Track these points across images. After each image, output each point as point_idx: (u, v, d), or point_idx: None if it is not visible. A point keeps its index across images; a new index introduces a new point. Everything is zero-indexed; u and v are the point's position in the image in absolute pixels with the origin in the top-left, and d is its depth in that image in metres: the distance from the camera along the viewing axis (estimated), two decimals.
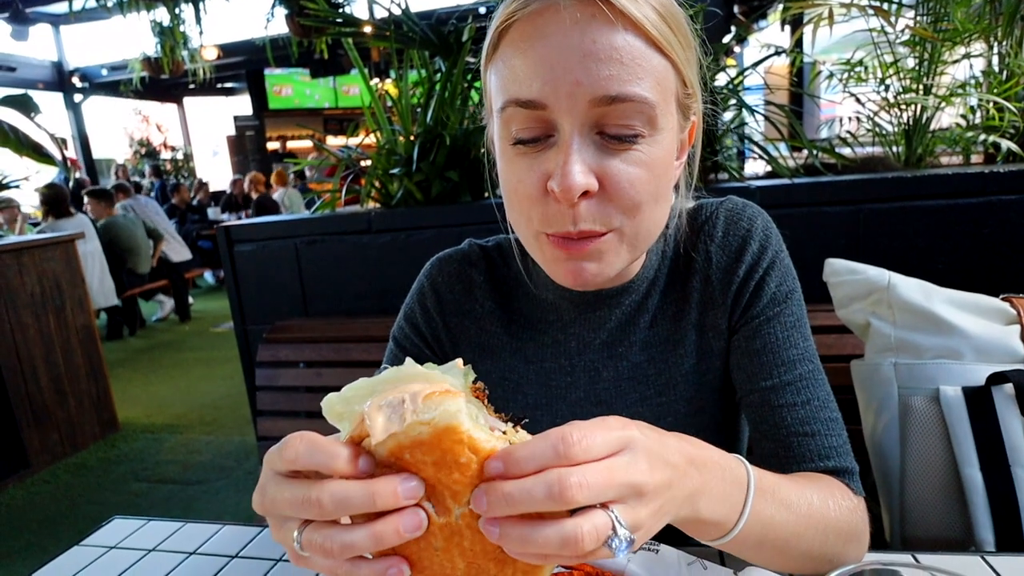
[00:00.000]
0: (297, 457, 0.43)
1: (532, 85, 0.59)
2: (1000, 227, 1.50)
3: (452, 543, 0.42)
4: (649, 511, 0.45)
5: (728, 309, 0.80)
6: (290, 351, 1.73)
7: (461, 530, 0.42)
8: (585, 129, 0.60)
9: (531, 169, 0.63)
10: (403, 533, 0.40)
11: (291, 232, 2.00)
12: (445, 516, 0.41)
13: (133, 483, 3.38)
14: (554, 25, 0.58)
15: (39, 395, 3.61)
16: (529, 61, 0.60)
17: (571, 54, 0.58)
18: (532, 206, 0.64)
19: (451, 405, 0.39)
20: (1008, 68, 2.00)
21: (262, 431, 1.71)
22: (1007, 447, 0.96)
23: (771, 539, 0.60)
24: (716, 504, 0.53)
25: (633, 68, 0.58)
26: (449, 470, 0.40)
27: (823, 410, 0.74)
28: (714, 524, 0.54)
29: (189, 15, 6.51)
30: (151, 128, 13.39)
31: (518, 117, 0.62)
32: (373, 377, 0.43)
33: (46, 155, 3.72)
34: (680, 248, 0.82)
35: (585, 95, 0.58)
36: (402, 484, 0.40)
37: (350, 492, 0.40)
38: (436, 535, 0.42)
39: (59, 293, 3.79)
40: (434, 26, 2.18)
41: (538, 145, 0.62)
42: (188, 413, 4.37)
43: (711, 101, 0.77)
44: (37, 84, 11.50)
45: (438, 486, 0.41)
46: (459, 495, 0.41)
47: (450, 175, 1.92)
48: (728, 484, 0.55)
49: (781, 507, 0.60)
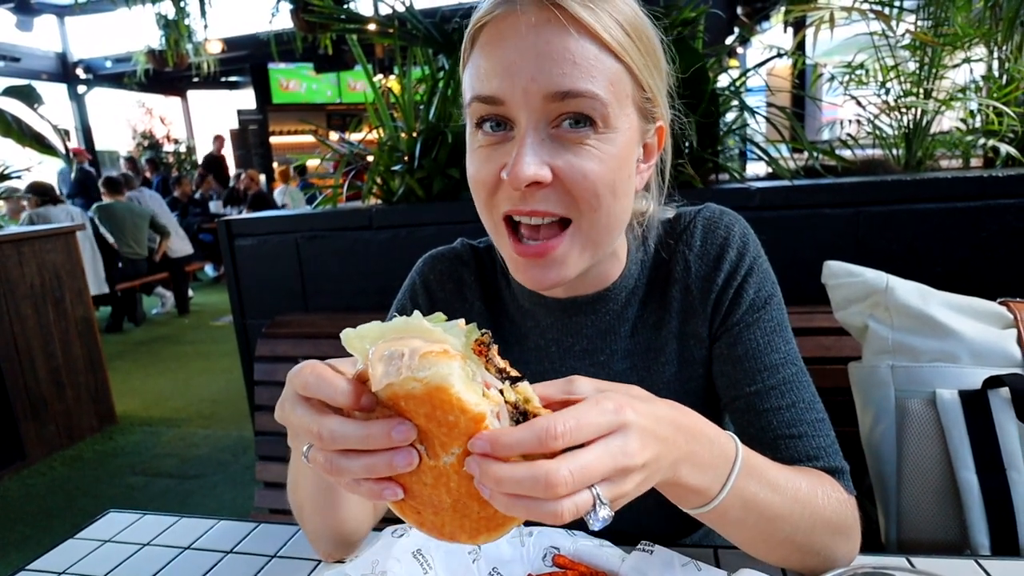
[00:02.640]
0: (306, 385, 0.48)
1: (492, 82, 0.65)
2: (998, 231, 1.50)
3: (440, 482, 0.46)
4: (633, 484, 0.48)
5: (708, 317, 0.81)
6: (289, 346, 1.73)
7: (448, 473, 0.46)
8: (540, 124, 0.64)
9: (489, 159, 0.67)
10: (395, 467, 0.45)
11: (292, 227, 2.00)
12: (435, 460, 0.46)
13: (130, 476, 3.39)
14: (513, 29, 0.64)
15: (37, 387, 3.62)
16: (491, 62, 0.65)
17: (527, 54, 0.63)
18: (489, 194, 0.69)
19: (443, 367, 0.42)
20: (1008, 73, 2.00)
21: (260, 426, 1.71)
22: (1003, 451, 0.97)
23: (754, 516, 0.61)
24: (699, 472, 0.56)
25: (585, 68, 0.63)
26: (439, 423, 0.43)
27: (809, 412, 0.75)
28: (695, 491, 0.57)
29: (194, 8, 6.51)
30: (154, 121, 13.37)
31: (481, 111, 0.67)
32: (383, 324, 0.47)
33: (48, 146, 3.71)
34: (659, 257, 0.84)
35: (539, 91, 0.62)
36: (395, 428, 0.44)
37: (347, 431, 0.45)
38: (426, 473, 0.46)
39: (59, 284, 3.79)
40: (438, 23, 2.18)
41: (497, 136, 0.67)
42: (186, 407, 4.37)
43: (680, 110, 0.80)
44: (41, 75, 11.48)
45: (429, 433, 0.45)
46: (447, 445, 0.44)
47: (452, 172, 1.92)
48: (714, 456, 0.57)
49: (767, 486, 0.62)
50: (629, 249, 0.83)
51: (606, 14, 0.64)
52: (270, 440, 1.71)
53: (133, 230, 6.50)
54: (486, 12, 0.67)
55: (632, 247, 0.83)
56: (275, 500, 1.68)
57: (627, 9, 0.67)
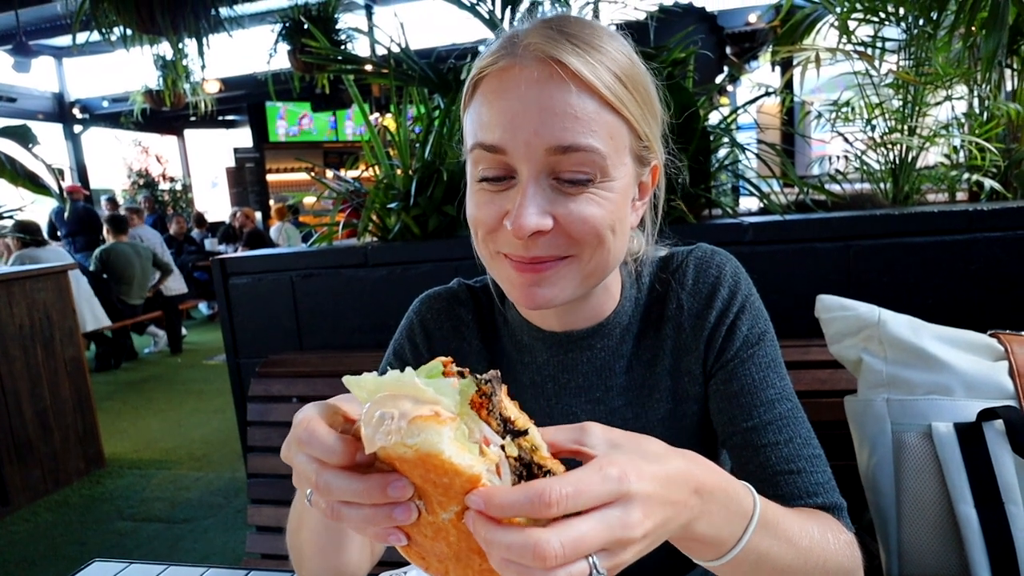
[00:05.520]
0: (299, 441, 0.49)
1: (495, 132, 0.67)
2: (986, 263, 1.52)
3: (440, 536, 0.46)
4: (632, 554, 0.46)
5: (702, 354, 0.82)
6: (283, 385, 1.71)
7: (448, 528, 0.45)
8: (542, 176, 0.66)
9: (491, 203, 0.69)
10: (395, 521, 0.45)
11: (287, 265, 2.00)
12: (433, 516, 0.45)
13: (117, 522, 3.30)
14: (515, 82, 0.66)
15: (23, 429, 3.55)
16: (494, 111, 0.67)
17: (530, 108, 0.65)
18: (488, 233, 0.71)
19: (432, 434, 0.41)
20: (988, 110, 2.06)
21: (253, 468, 1.68)
22: (1000, 484, 0.96)
23: (767, 569, 0.60)
24: (713, 529, 0.54)
25: (586, 122, 0.65)
26: (434, 484, 0.43)
27: (806, 447, 0.75)
28: (708, 546, 0.55)
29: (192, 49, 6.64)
30: (150, 159, 13.47)
31: (483, 159, 0.69)
32: (379, 377, 0.46)
33: (42, 185, 3.73)
34: (652, 295, 0.86)
35: (542, 144, 0.64)
36: (392, 485, 0.44)
37: (344, 485, 0.46)
38: (426, 527, 0.46)
39: (49, 324, 3.76)
40: (433, 64, 2.24)
41: (500, 184, 0.69)
42: (177, 448, 4.29)
43: (674, 151, 0.83)
44: (37, 115, 11.60)
45: (426, 491, 0.44)
46: (445, 504, 0.44)
47: (447, 209, 1.94)
48: (730, 512, 0.55)
49: (782, 540, 0.60)
50: (624, 285, 0.84)
51: (603, 67, 0.66)
52: (263, 482, 1.67)
53: (140, 275, 6.44)
54: (488, 63, 0.69)
55: (627, 283, 0.85)
56: (268, 545, 1.64)
57: (622, 59, 0.69)
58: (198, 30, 4.24)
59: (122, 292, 6.37)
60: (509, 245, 0.69)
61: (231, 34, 4.71)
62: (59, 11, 5.89)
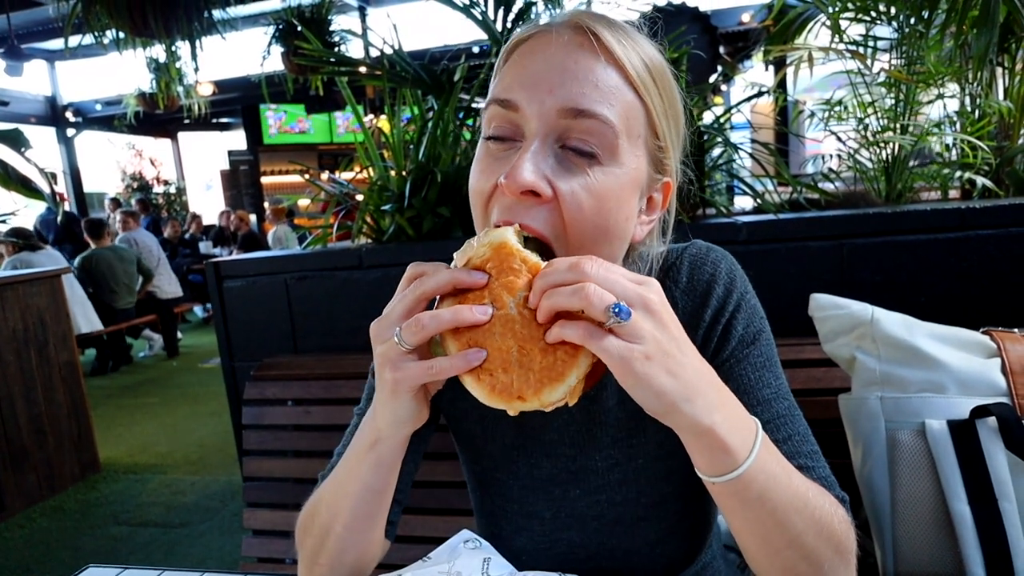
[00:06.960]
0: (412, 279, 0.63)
1: (512, 89, 0.67)
2: (978, 261, 1.53)
3: (507, 330, 0.58)
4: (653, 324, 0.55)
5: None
6: (278, 388, 1.70)
7: (514, 319, 0.58)
8: (549, 138, 0.65)
9: (492, 167, 0.68)
10: (476, 316, 0.57)
11: (281, 268, 2.00)
12: (503, 308, 0.58)
13: (112, 527, 3.29)
14: (546, 44, 0.67)
15: (17, 435, 3.53)
16: (517, 70, 0.68)
17: (553, 68, 0.65)
18: (484, 205, 0.69)
19: (500, 233, 0.61)
20: (980, 108, 2.07)
21: (248, 471, 1.67)
22: (993, 481, 0.96)
23: (772, 500, 0.60)
24: (728, 426, 0.57)
25: (605, 93, 0.65)
26: (506, 273, 0.59)
27: (805, 444, 0.75)
28: (725, 448, 0.58)
29: (185, 52, 6.61)
30: (144, 162, 13.41)
31: (496, 116, 0.69)
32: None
33: (34, 189, 3.71)
34: None
35: (556, 103, 0.64)
36: (471, 272, 0.59)
37: (441, 313, 0.58)
38: (495, 324, 0.58)
39: (43, 329, 3.74)
40: (426, 66, 2.23)
41: (505, 144, 0.68)
42: (173, 452, 4.27)
43: (692, 171, 0.83)
44: (29, 118, 11.53)
45: (498, 288, 0.59)
46: (513, 290, 0.58)
47: (442, 211, 1.94)
48: (741, 419, 0.60)
49: (784, 472, 0.62)
50: None
51: (635, 52, 0.67)
52: (259, 486, 1.67)
53: (125, 277, 6.39)
54: (525, 32, 0.70)
55: None
56: (264, 549, 1.63)
57: (654, 54, 0.70)
58: (191, 32, 4.22)
59: (106, 298, 6.29)
60: (500, 209, 0.67)
61: (224, 36, 4.69)
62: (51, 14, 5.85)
